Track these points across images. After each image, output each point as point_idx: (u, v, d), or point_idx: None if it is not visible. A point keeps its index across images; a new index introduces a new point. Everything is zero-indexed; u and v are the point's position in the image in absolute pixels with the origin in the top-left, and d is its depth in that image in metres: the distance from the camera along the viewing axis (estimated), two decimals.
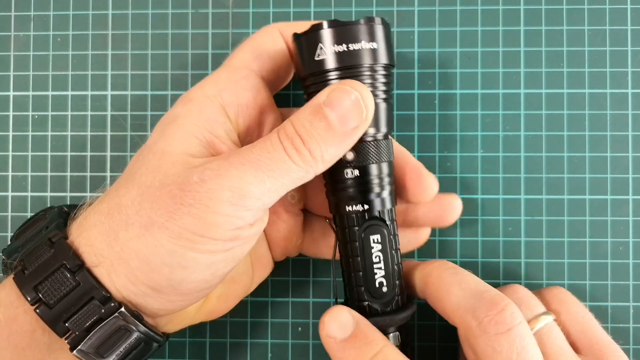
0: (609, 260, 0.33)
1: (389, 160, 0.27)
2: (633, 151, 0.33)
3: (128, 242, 0.23)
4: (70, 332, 0.23)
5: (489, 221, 0.33)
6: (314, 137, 0.24)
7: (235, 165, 0.23)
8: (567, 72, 0.33)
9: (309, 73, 0.26)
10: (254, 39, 0.29)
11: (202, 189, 0.23)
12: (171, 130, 0.25)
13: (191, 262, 0.23)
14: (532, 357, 0.24)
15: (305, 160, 0.24)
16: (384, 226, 0.27)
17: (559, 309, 0.29)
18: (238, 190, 0.23)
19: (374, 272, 0.27)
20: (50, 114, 0.34)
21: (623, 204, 0.33)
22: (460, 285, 0.26)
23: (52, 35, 0.35)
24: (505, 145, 0.33)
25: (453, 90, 0.34)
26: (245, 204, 0.23)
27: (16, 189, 0.34)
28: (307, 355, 0.34)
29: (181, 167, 0.24)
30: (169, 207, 0.23)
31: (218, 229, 0.23)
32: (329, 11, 0.34)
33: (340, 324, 0.26)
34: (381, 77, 0.26)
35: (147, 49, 0.34)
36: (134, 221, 0.23)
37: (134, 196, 0.24)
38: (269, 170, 0.23)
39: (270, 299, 0.34)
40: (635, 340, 0.33)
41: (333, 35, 0.25)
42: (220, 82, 0.27)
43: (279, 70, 0.29)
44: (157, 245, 0.23)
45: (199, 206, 0.23)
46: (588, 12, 0.34)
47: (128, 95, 0.34)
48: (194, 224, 0.23)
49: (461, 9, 0.34)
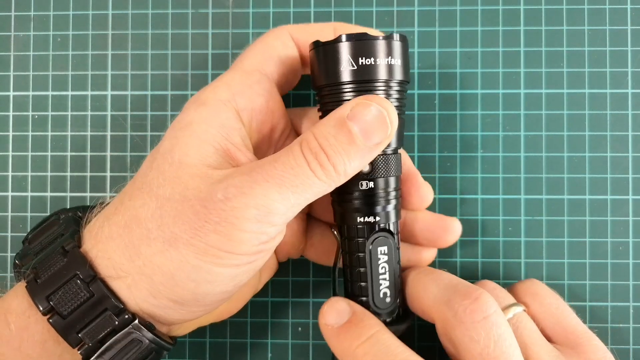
0: (608, 260, 0.33)
1: (397, 175, 0.27)
2: (633, 151, 0.33)
3: (151, 257, 0.23)
4: (83, 343, 0.23)
5: (489, 221, 0.33)
6: (337, 152, 0.23)
7: (259, 182, 0.23)
8: (567, 72, 0.33)
9: (326, 83, 0.26)
10: (265, 41, 0.28)
11: (227, 207, 0.23)
12: (186, 137, 0.25)
13: (216, 276, 0.23)
14: (510, 345, 0.24)
15: (329, 175, 0.24)
16: (391, 238, 0.27)
17: (531, 301, 0.29)
18: (264, 207, 0.23)
19: (379, 283, 0.27)
20: (50, 114, 0.34)
21: (623, 204, 0.33)
22: (435, 282, 0.27)
23: (52, 35, 0.35)
24: (505, 145, 0.33)
25: (453, 90, 0.34)
26: (271, 221, 0.23)
27: (16, 189, 0.34)
28: (307, 355, 0.34)
29: (200, 181, 0.24)
30: (193, 223, 0.23)
31: (244, 245, 0.23)
32: (329, 11, 0.34)
33: (338, 312, 0.27)
34: (396, 92, 0.26)
35: (147, 49, 0.34)
36: (156, 236, 0.23)
37: (154, 209, 0.24)
38: (293, 186, 0.23)
39: (270, 299, 0.34)
40: (635, 340, 0.33)
41: (354, 48, 0.25)
42: (234, 85, 0.27)
43: (289, 74, 0.29)
44: (183, 260, 0.23)
45: (225, 224, 0.23)
46: (588, 12, 0.34)
47: (128, 95, 0.34)
48: (220, 241, 0.23)
49: (461, 9, 0.34)
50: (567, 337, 0.28)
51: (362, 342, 0.25)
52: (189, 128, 0.25)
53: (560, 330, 0.28)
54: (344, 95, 0.26)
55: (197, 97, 0.27)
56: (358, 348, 0.25)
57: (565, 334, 0.28)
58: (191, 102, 0.27)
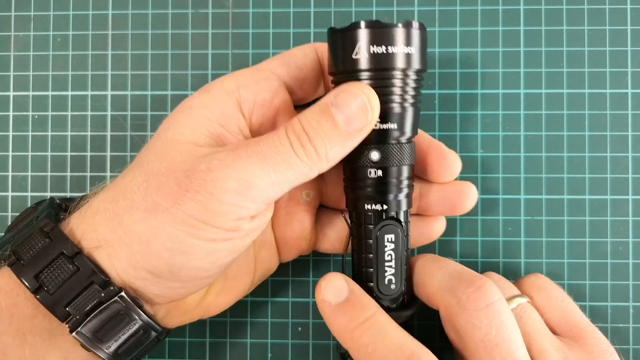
0: (608, 260, 0.33)
1: (410, 164, 0.28)
2: (633, 151, 0.33)
3: (131, 226, 0.24)
4: (71, 317, 0.24)
5: (489, 221, 0.33)
6: (319, 135, 0.24)
7: (242, 156, 0.24)
8: (567, 72, 0.33)
9: (341, 70, 0.26)
10: (288, 51, 0.29)
11: (209, 177, 0.23)
12: (183, 119, 0.26)
13: (191, 248, 0.24)
14: (512, 332, 0.25)
15: (310, 156, 0.24)
16: (399, 227, 0.28)
17: (537, 294, 0.30)
18: (244, 181, 0.23)
19: (384, 269, 0.28)
20: (51, 114, 0.35)
21: (623, 204, 0.33)
22: (441, 270, 0.27)
23: (52, 35, 0.35)
24: (505, 145, 0.33)
25: (453, 90, 0.34)
26: (250, 195, 0.24)
27: (16, 189, 0.34)
28: (307, 355, 0.34)
29: (188, 155, 0.24)
30: (174, 192, 0.23)
31: (220, 217, 0.24)
32: (329, 11, 0.34)
33: (336, 289, 0.27)
34: (412, 82, 0.26)
35: (147, 49, 0.34)
36: (139, 205, 0.24)
37: (140, 182, 0.24)
38: (275, 164, 0.24)
39: (270, 299, 0.34)
40: (635, 340, 0.33)
41: (371, 35, 0.25)
42: (240, 78, 0.27)
43: (304, 81, 0.29)
44: (160, 228, 0.23)
45: (204, 193, 0.23)
46: (588, 12, 0.34)
47: (128, 95, 0.34)
48: (197, 210, 0.23)
49: (461, 9, 0.34)
50: (571, 330, 0.28)
51: (360, 323, 0.26)
52: (188, 111, 0.26)
53: (564, 323, 0.29)
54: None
55: (205, 86, 0.28)
56: (355, 329, 0.26)
57: (570, 327, 0.28)
58: (198, 90, 0.27)
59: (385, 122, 0.26)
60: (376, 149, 0.26)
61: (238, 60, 0.34)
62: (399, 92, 0.26)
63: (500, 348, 0.24)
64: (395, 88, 0.26)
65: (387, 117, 0.26)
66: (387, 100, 0.26)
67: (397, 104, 0.26)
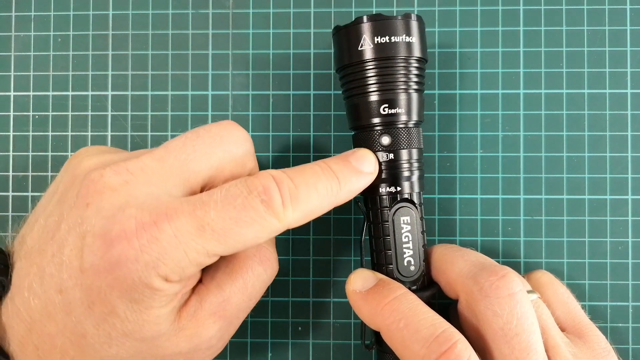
0: (608, 260, 0.33)
1: (419, 147, 0.29)
2: (632, 151, 0.33)
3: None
4: None
5: (489, 221, 0.33)
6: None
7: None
8: (567, 72, 0.33)
9: (347, 63, 0.28)
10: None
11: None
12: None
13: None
14: (532, 324, 0.25)
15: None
16: (413, 208, 0.29)
17: (544, 290, 0.30)
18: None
19: (403, 250, 0.29)
20: (51, 114, 0.35)
21: (622, 204, 0.33)
22: (462, 258, 0.28)
23: (53, 35, 0.35)
24: (505, 145, 0.34)
25: (453, 91, 0.34)
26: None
27: (17, 189, 0.35)
28: (307, 355, 0.34)
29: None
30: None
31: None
32: (329, 12, 0.34)
33: (364, 279, 0.28)
34: (414, 69, 0.28)
35: (148, 49, 0.34)
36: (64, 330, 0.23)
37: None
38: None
39: (270, 299, 0.34)
40: (635, 340, 0.33)
41: (375, 27, 0.27)
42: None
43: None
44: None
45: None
46: (587, 13, 0.34)
47: (128, 95, 0.35)
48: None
49: (461, 9, 0.34)
50: (574, 326, 0.29)
51: (390, 300, 0.26)
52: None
53: (569, 320, 0.29)
54: (366, 73, 0.28)
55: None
56: (386, 306, 0.26)
57: (574, 324, 0.29)
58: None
59: (392, 107, 0.28)
60: (386, 133, 0.28)
61: (238, 60, 0.34)
62: (403, 78, 0.28)
63: (520, 338, 0.24)
64: (399, 75, 0.28)
65: (394, 102, 0.28)
66: (393, 87, 0.28)
67: (402, 90, 0.28)
